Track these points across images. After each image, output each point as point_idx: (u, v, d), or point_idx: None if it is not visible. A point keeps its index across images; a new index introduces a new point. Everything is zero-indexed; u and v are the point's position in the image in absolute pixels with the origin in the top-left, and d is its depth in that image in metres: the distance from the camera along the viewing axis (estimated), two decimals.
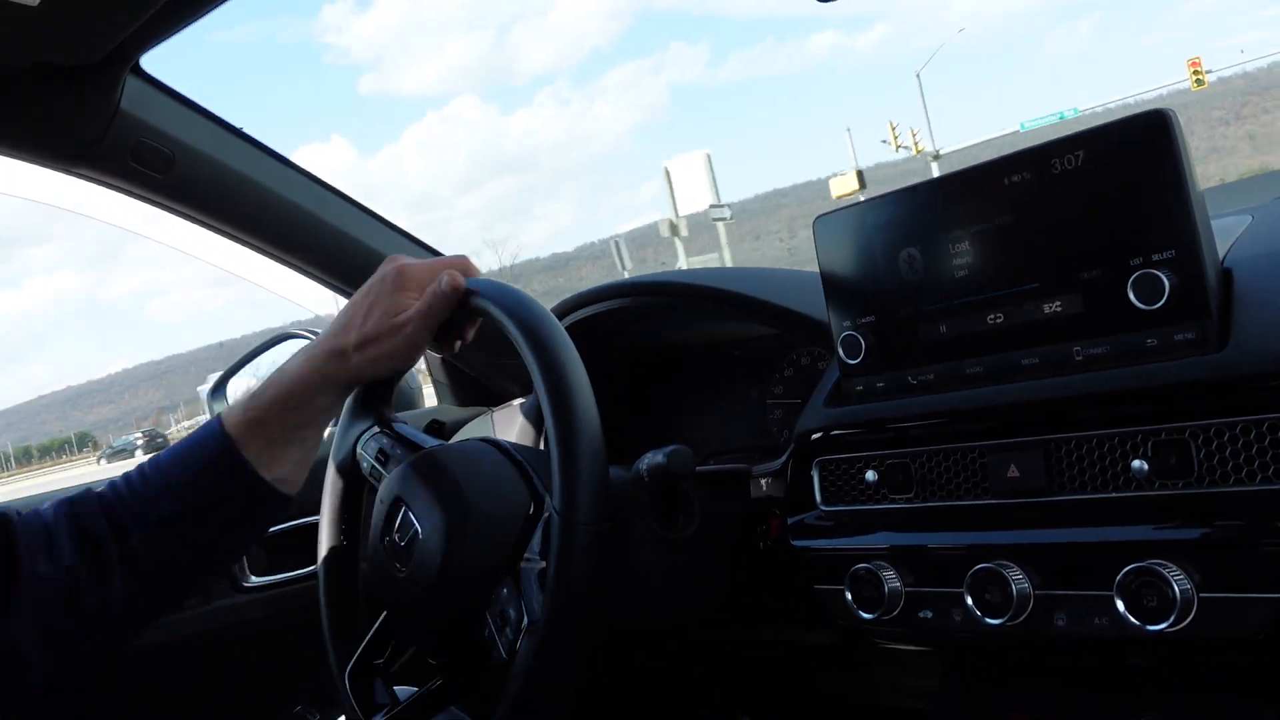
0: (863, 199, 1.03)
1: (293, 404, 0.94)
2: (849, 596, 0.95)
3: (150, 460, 0.96)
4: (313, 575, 1.16)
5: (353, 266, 1.51)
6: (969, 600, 0.86)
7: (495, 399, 1.68)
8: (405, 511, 0.98)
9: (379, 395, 1.10)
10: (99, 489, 0.94)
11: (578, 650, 0.84)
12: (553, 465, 0.84)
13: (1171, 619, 0.75)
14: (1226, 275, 0.82)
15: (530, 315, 0.89)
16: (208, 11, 1.16)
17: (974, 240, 0.91)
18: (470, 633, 0.91)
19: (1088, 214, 0.84)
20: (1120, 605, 0.77)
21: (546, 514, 0.86)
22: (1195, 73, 31.33)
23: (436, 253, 1.65)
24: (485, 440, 1.05)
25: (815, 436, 1.05)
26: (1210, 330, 0.78)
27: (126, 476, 0.95)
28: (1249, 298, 0.80)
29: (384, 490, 1.02)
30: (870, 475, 0.98)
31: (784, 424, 1.34)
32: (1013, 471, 0.88)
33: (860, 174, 28.08)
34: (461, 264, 0.98)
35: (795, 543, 1.04)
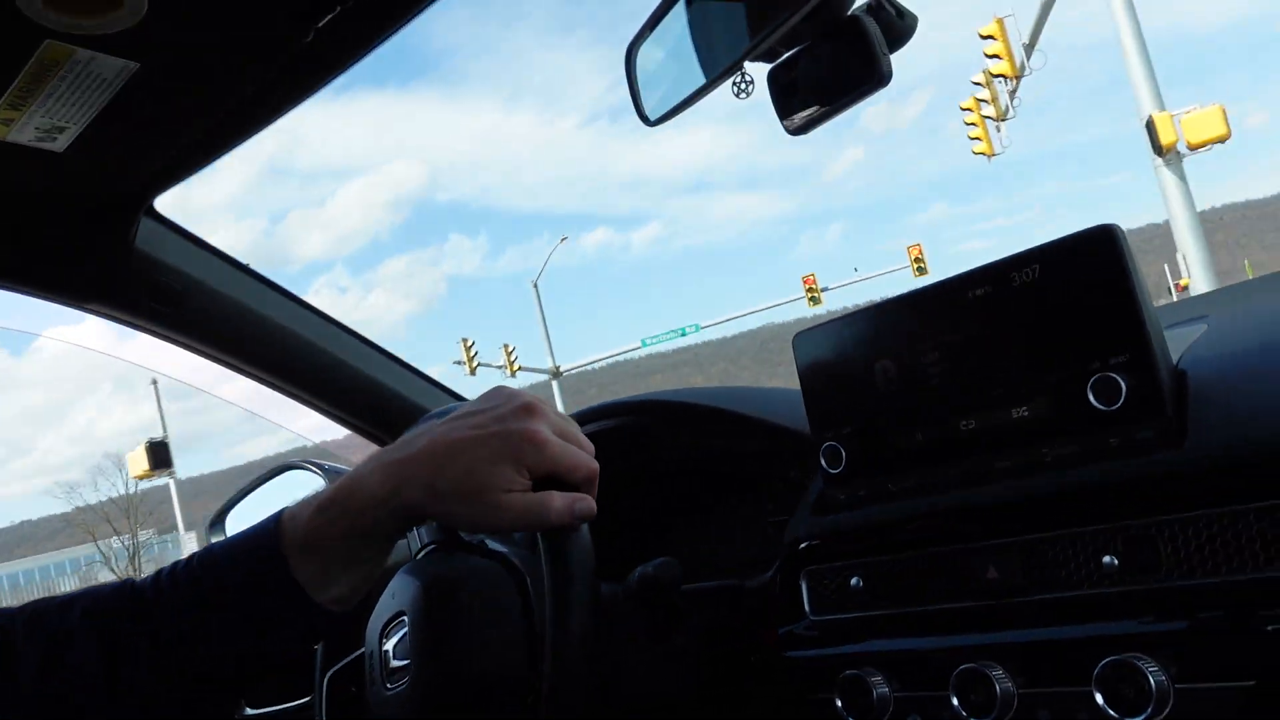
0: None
1: (360, 528, 0.82)
2: (839, 704, 0.96)
3: (201, 555, 0.87)
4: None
5: (358, 399, 1.55)
6: (955, 701, 0.87)
7: None
8: (404, 634, 0.99)
9: None
10: (137, 583, 0.86)
11: None
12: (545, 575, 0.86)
13: (1149, 710, 0.76)
14: (1181, 376, 0.87)
15: None
16: (217, 157, 1.24)
17: (943, 351, 0.96)
18: None
19: (1047, 323, 0.89)
20: (1099, 699, 0.79)
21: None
22: (810, 291, 29.56)
23: (456, 395, 1.69)
24: (496, 554, 1.05)
25: (802, 546, 1.07)
26: (1167, 428, 0.82)
27: (173, 569, 0.86)
28: (1202, 396, 0.84)
29: (389, 594, 1.02)
30: (855, 581, 1.00)
31: (776, 540, 1.36)
32: (992, 573, 0.91)
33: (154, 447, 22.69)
34: (594, 470, 0.84)
35: (787, 654, 1.05)
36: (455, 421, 0.82)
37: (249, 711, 1.47)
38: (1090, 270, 0.87)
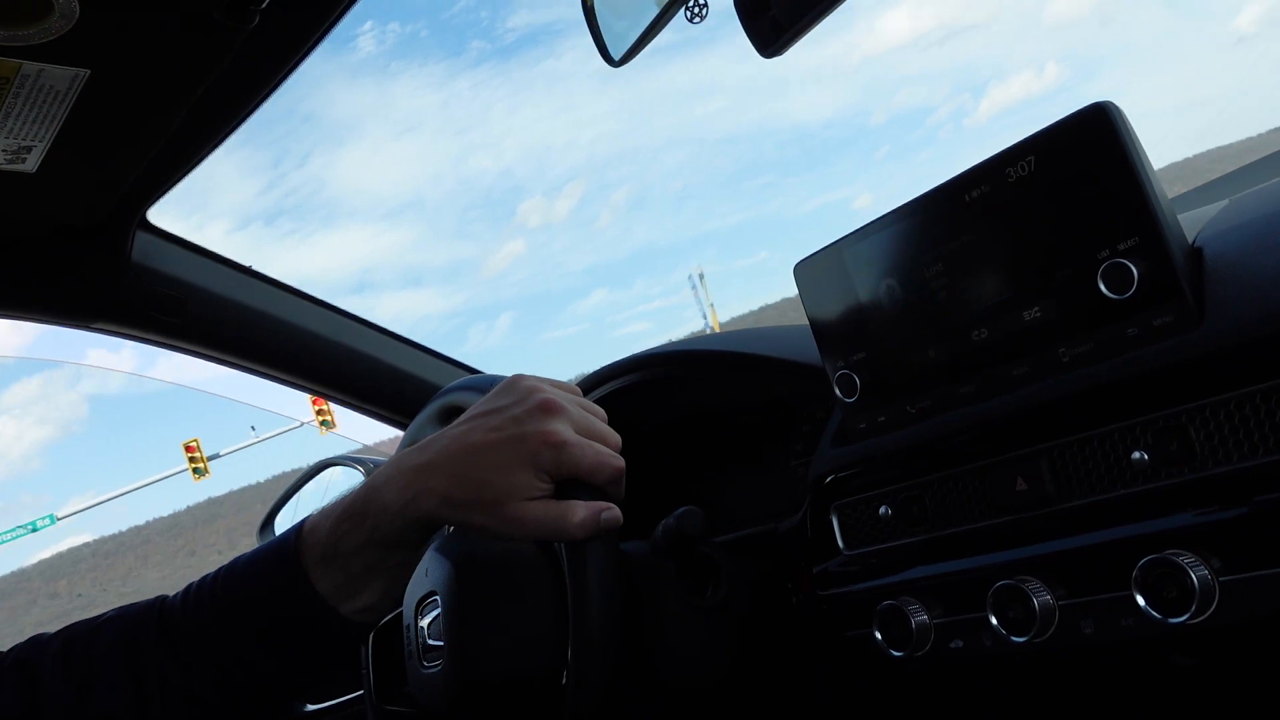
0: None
1: (378, 537, 0.78)
2: (878, 636, 0.93)
3: (225, 570, 0.84)
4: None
5: (375, 385, 1.54)
6: (994, 620, 0.84)
7: None
8: (437, 613, 0.98)
9: None
10: (169, 600, 0.84)
11: None
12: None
13: (1193, 608, 0.72)
14: (1197, 254, 0.81)
15: None
16: (203, 158, 1.22)
17: (946, 261, 0.91)
18: None
19: (1048, 216, 0.84)
20: (1140, 600, 0.75)
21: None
22: (193, 461, 26.34)
23: (471, 369, 1.68)
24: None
25: (828, 480, 1.04)
26: (1185, 311, 0.77)
27: (199, 593, 0.83)
28: (1221, 273, 0.79)
29: (423, 570, 1.01)
30: (883, 510, 0.97)
31: (805, 480, 1.33)
32: (1020, 484, 0.87)
33: None
34: (619, 470, 0.79)
35: (823, 592, 1.02)
36: (472, 422, 0.78)
37: (308, 708, 1.48)
38: (1088, 154, 0.82)
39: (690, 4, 0.83)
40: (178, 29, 0.88)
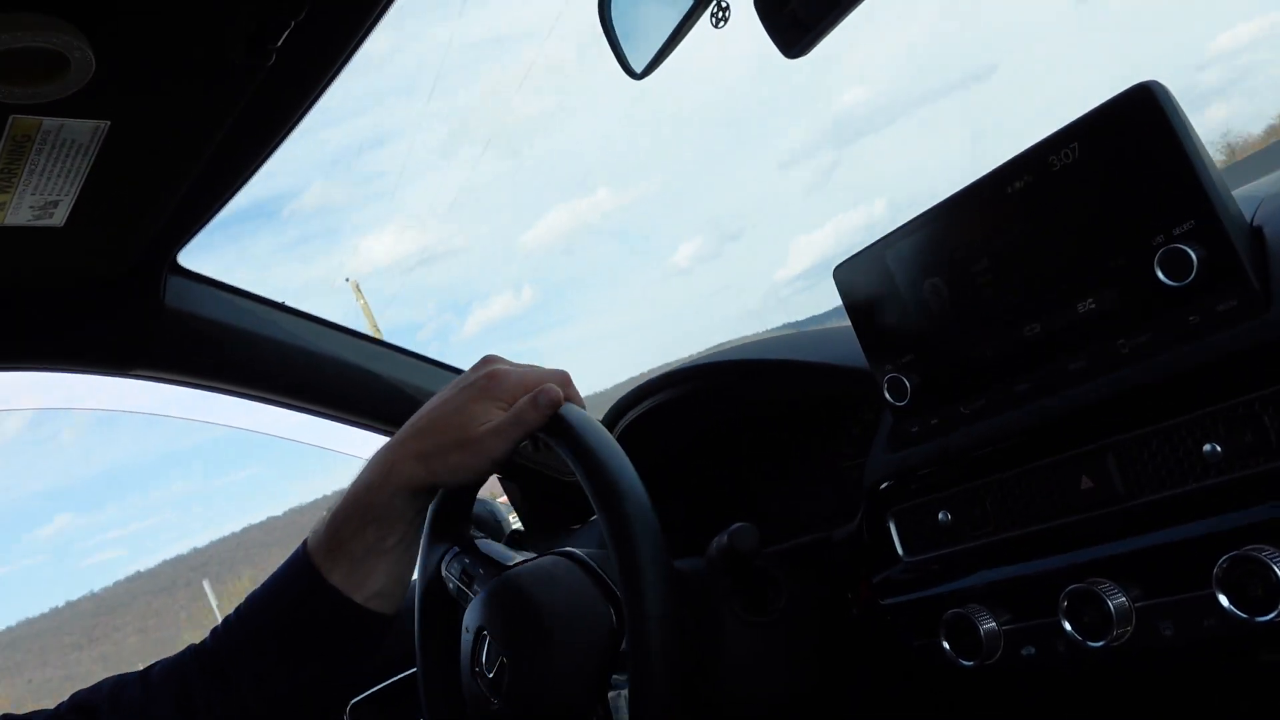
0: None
1: (371, 515, 0.87)
2: (946, 646, 0.90)
3: (247, 599, 0.91)
4: None
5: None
6: (1067, 625, 0.81)
7: (576, 518, 1.68)
8: (490, 643, 0.97)
9: (458, 513, 1.10)
10: (201, 643, 0.91)
11: None
12: (613, 560, 0.82)
13: None
14: (1258, 234, 0.78)
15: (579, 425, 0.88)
16: (230, 198, 1.22)
17: (993, 256, 0.88)
18: None
19: (1097, 203, 0.81)
20: (1224, 600, 0.71)
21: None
22: None
23: None
24: (562, 553, 1.04)
25: (884, 486, 1.01)
26: (1250, 294, 0.74)
27: (227, 621, 0.91)
28: None
29: (468, 619, 1.01)
30: (942, 516, 0.94)
31: (858, 484, 1.30)
32: (1086, 483, 0.84)
33: None
34: (561, 378, 0.90)
35: (884, 601, 0.99)
36: (430, 400, 0.91)
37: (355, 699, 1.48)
38: (1136, 136, 0.78)
39: (714, 7, 0.81)
40: (196, 74, 0.87)
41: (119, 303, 1.22)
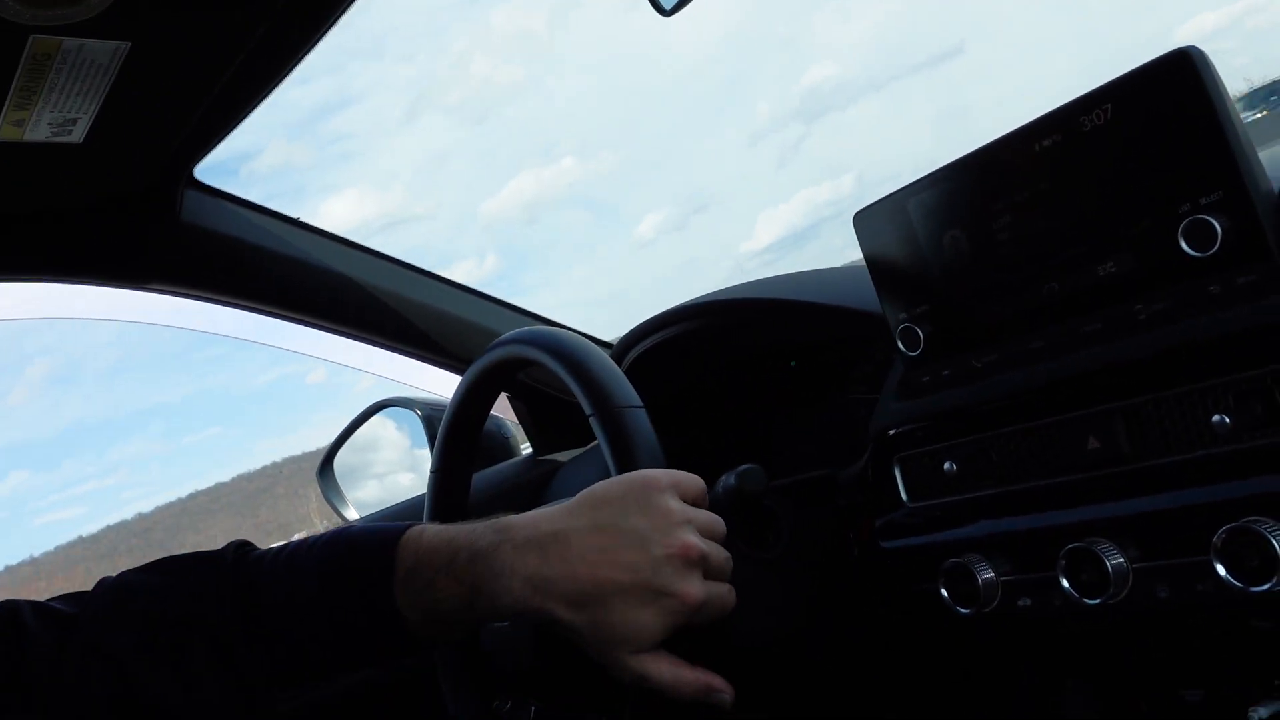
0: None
1: (480, 617, 0.77)
2: (944, 594, 0.93)
3: (292, 592, 0.78)
4: None
5: (433, 334, 1.55)
6: (1065, 583, 0.83)
7: (584, 437, 1.70)
8: None
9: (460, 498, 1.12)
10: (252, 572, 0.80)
11: None
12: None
13: (1276, 578, 0.70)
14: None
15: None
16: (249, 112, 1.21)
17: (1015, 212, 0.88)
18: None
19: (1125, 167, 0.81)
20: (1221, 570, 0.73)
21: None
22: None
23: (535, 316, 1.67)
24: None
25: (891, 433, 1.03)
26: (1274, 269, 0.74)
27: (292, 567, 0.79)
28: None
29: None
30: (948, 466, 0.96)
31: (865, 420, 1.32)
32: (1093, 443, 0.85)
33: None
34: (727, 610, 0.81)
35: (885, 544, 1.02)
36: (604, 539, 0.76)
37: None
38: (1169, 102, 0.78)
39: None
40: None
41: (136, 217, 1.22)
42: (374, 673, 1.37)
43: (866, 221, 1.01)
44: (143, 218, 1.23)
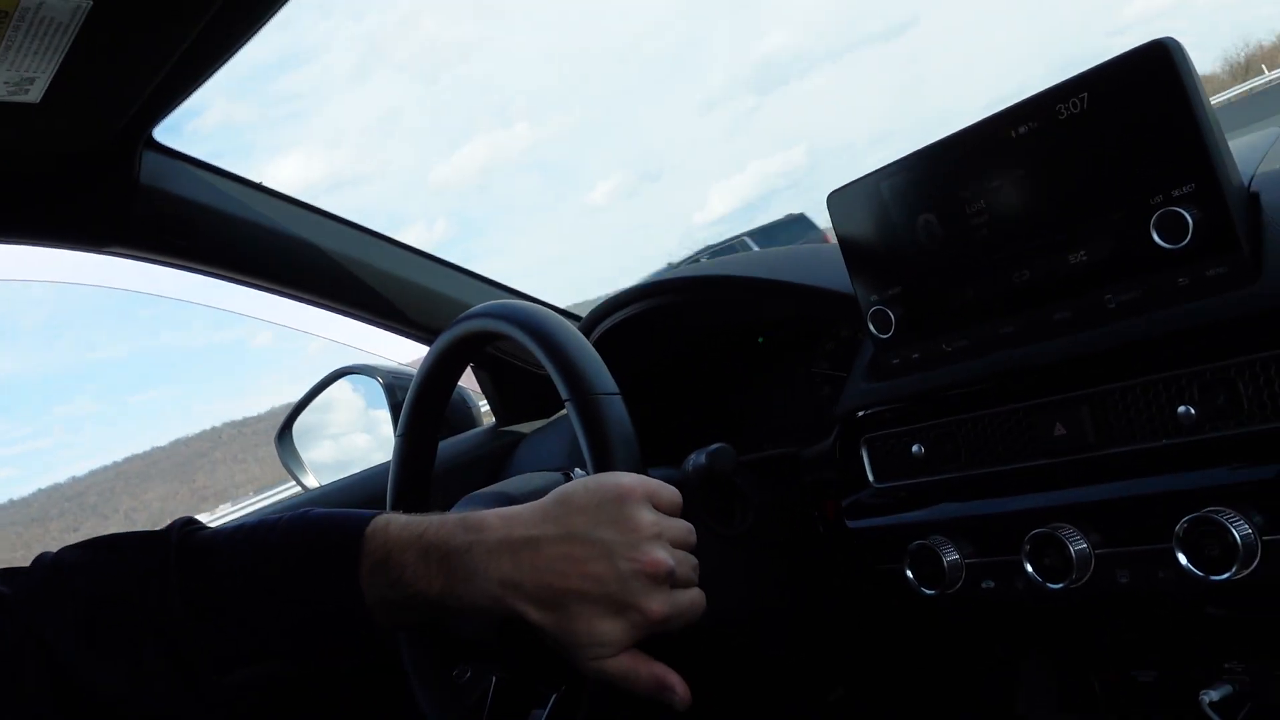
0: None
1: (452, 613, 0.78)
2: (909, 574, 0.94)
3: (248, 564, 0.76)
4: None
5: (396, 302, 1.52)
6: (1028, 567, 0.84)
7: (547, 410, 1.69)
8: None
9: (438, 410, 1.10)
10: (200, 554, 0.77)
11: None
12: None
13: (1235, 567, 0.72)
14: (1254, 201, 0.79)
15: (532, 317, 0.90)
16: (212, 73, 1.17)
17: (989, 198, 0.88)
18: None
19: (1100, 157, 0.81)
20: (1182, 558, 0.75)
21: None
22: None
23: (500, 286, 1.65)
24: None
25: (860, 414, 1.03)
26: (1241, 263, 0.75)
27: (217, 575, 0.76)
28: (1278, 222, 0.76)
29: None
30: (916, 449, 0.96)
31: (832, 400, 1.32)
32: (1059, 429, 0.86)
33: None
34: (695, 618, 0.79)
35: (851, 523, 1.03)
36: (572, 547, 0.74)
37: None
38: (1145, 93, 0.78)
39: None
40: None
41: (94, 179, 1.18)
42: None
43: (840, 202, 1.01)
44: (100, 180, 1.19)
